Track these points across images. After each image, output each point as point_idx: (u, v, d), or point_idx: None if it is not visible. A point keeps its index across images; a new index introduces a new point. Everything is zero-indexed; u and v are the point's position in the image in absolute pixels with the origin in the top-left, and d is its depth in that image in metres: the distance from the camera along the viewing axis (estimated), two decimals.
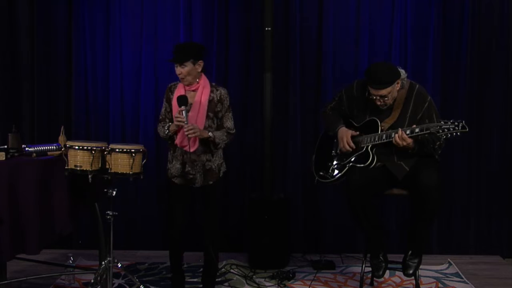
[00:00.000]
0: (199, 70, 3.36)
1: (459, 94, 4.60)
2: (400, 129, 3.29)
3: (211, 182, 3.43)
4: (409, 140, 3.27)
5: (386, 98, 3.38)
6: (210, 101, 3.37)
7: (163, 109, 3.50)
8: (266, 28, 4.36)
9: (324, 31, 4.61)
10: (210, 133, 3.29)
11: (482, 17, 4.57)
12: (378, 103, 3.40)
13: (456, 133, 3.10)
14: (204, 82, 3.40)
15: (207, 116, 3.36)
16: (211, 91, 3.40)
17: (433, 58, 4.58)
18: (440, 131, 3.12)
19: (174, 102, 3.36)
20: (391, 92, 3.37)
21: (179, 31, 4.64)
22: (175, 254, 3.57)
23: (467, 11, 4.55)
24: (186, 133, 3.20)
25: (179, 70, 3.32)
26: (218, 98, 3.40)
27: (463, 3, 4.55)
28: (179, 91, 3.40)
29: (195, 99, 3.36)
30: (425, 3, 4.58)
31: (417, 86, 3.49)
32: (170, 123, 3.38)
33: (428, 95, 3.50)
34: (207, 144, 3.36)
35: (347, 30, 4.63)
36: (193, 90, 3.39)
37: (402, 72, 3.42)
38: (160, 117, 3.52)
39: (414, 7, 4.58)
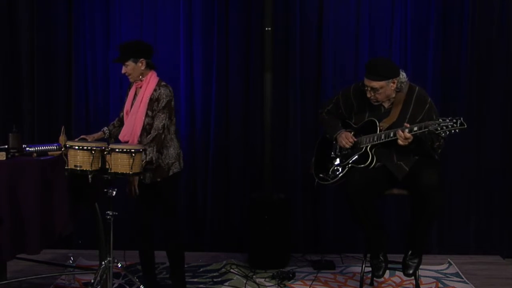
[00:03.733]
0: (143, 68, 3.41)
1: (459, 94, 4.60)
2: (399, 130, 3.26)
3: (159, 179, 3.42)
4: (410, 137, 3.23)
5: (377, 93, 3.37)
6: (151, 99, 3.40)
7: None
8: (266, 28, 4.36)
9: (324, 31, 4.61)
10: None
11: (482, 17, 4.57)
12: (368, 95, 3.40)
13: (455, 130, 3.09)
14: (149, 79, 3.44)
15: (147, 115, 3.39)
16: (154, 90, 3.41)
17: (433, 58, 4.58)
18: (439, 128, 3.11)
19: (127, 101, 3.53)
20: (384, 88, 3.36)
21: (179, 31, 4.65)
22: (143, 254, 3.60)
23: (467, 11, 4.55)
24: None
25: (123, 69, 3.43)
26: (157, 97, 3.40)
27: (463, 3, 4.55)
28: (132, 88, 3.54)
29: (137, 96, 3.45)
30: (425, 3, 4.58)
31: (417, 88, 3.49)
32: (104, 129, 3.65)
33: (428, 97, 3.50)
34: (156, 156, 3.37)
35: (347, 30, 4.63)
36: (141, 87, 3.47)
37: (403, 75, 3.41)
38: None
39: (414, 7, 4.58)
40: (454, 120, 3.09)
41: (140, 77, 3.43)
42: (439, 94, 4.54)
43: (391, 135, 3.34)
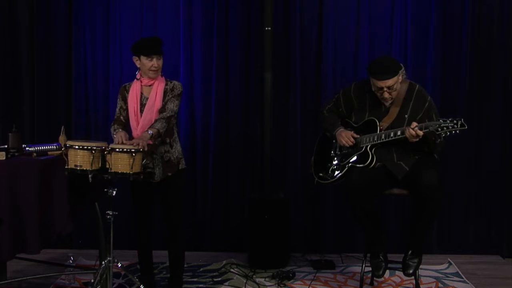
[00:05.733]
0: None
1: (459, 94, 4.60)
2: (409, 128, 3.24)
3: (170, 174, 3.43)
4: (421, 133, 3.22)
5: (393, 90, 3.38)
6: (165, 92, 3.44)
7: (117, 109, 3.54)
8: (266, 28, 4.37)
9: (324, 31, 4.61)
10: (150, 131, 3.23)
11: (482, 17, 4.57)
12: (386, 95, 3.39)
13: (455, 131, 3.10)
14: (161, 76, 3.49)
15: (162, 106, 3.41)
16: (166, 84, 3.47)
17: (433, 58, 4.58)
18: (439, 129, 3.12)
19: (131, 99, 3.44)
20: (397, 83, 3.38)
21: (179, 31, 4.65)
22: (142, 254, 3.59)
23: (467, 11, 4.55)
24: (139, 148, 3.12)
25: (156, 62, 3.38)
26: (171, 88, 3.46)
27: (463, 3, 4.55)
28: (135, 87, 3.46)
29: (151, 91, 3.42)
30: (425, 3, 4.58)
31: (417, 86, 3.50)
32: (118, 131, 3.37)
33: (428, 95, 3.51)
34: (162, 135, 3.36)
35: (347, 30, 4.63)
36: (150, 85, 3.45)
37: (401, 65, 3.45)
38: (115, 117, 3.54)
39: (414, 7, 4.58)
40: (455, 121, 3.09)
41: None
42: (439, 94, 4.54)
43: (391, 135, 3.34)
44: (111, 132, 3.48)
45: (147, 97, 3.42)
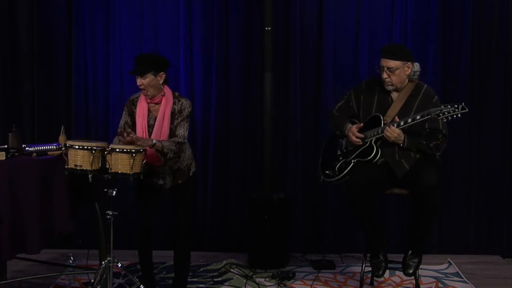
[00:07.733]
0: (161, 82, 3.33)
1: (459, 94, 4.59)
2: (387, 126, 3.35)
3: (180, 181, 3.42)
4: (398, 131, 3.31)
5: (392, 74, 3.41)
6: (172, 113, 3.35)
7: (122, 122, 3.44)
8: (266, 28, 4.37)
9: (324, 31, 4.62)
10: (154, 141, 3.19)
11: (482, 17, 4.57)
12: (384, 76, 3.43)
13: (457, 115, 3.14)
14: (167, 94, 3.37)
15: (170, 129, 3.34)
16: (174, 103, 3.36)
17: (433, 58, 4.58)
18: (441, 114, 3.17)
19: (138, 116, 3.35)
20: (400, 70, 3.42)
21: (179, 32, 4.65)
22: (143, 255, 3.58)
23: (467, 11, 4.55)
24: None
25: (140, 81, 3.28)
26: (179, 108, 3.36)
27: (463, 3, 4.56)
28: (142, 104, 3.37)
29: (159, 112, 3.34)
30: (425, 3, 4.58)
31: (425, 85, 3.56)
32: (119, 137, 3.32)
33: (435, 94, 3.55)
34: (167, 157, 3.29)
35: (347, 29, 4.63)
36: (156, 103, 3.36)
37: (417, 65, 3.50)
38: (118, 130, 3.43)
39: (414, 6, 4.58)
40: (456, 105, 3.16)
41: (157, 92, 3.33)
42: (440, 93, 4.48)
43: (395, 126, 3.36)
44: (114, 141, 3.39)
45: (154, 117, 3.35)
